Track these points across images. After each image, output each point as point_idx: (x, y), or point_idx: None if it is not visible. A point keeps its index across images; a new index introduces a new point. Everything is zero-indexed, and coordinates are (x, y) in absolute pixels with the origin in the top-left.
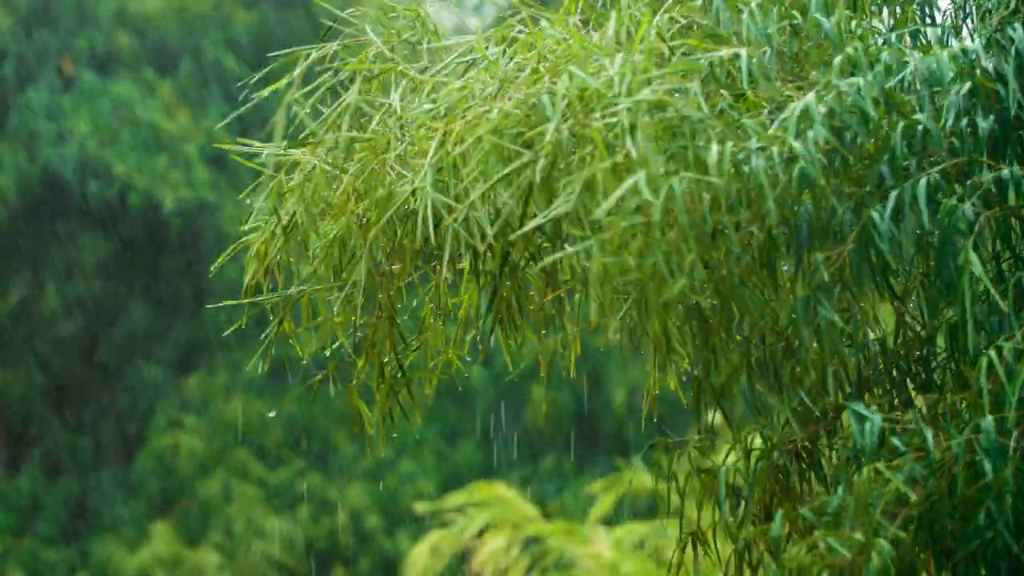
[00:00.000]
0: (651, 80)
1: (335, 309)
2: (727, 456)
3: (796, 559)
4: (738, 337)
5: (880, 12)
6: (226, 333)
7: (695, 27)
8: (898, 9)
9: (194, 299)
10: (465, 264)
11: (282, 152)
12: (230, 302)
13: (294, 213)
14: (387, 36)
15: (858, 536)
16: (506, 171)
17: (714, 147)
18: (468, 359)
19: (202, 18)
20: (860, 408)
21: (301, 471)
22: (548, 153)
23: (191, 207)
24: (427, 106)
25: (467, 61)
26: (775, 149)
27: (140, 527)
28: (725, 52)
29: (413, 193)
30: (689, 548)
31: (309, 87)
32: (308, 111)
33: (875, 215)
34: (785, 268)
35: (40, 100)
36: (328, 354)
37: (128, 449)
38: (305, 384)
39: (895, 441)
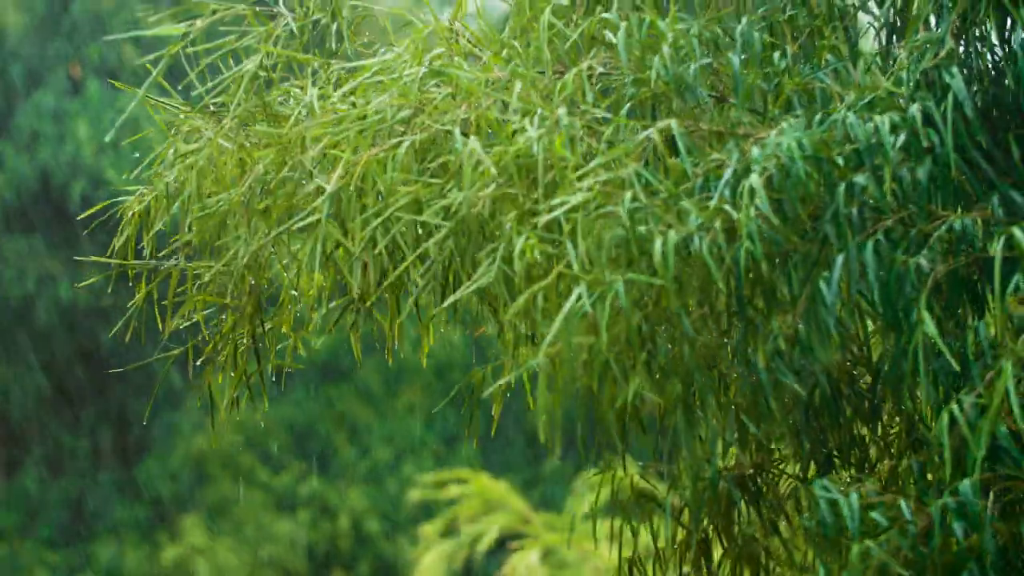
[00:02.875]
0: (583, 176)
1: (205, 285)
2: (671, 485)
3: None
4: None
5: (799, 38)
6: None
7: (614, 73)
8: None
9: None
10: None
11: (177, 109)
12: (96, 258)
13: (182, 180)
14: (299, 17)
15: None
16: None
17: (657, 242)
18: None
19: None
20: (828, 486)
21: (302, 475)
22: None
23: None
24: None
25: (380, 78)
26: (717, 225)
27: (141, 531)
28: (654, 130)
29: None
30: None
31: (211, 44)
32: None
33: (823, 286)
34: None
35: (46, 105)
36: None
37: (129, 452)
38: (165, 356)
39: (875, 516)
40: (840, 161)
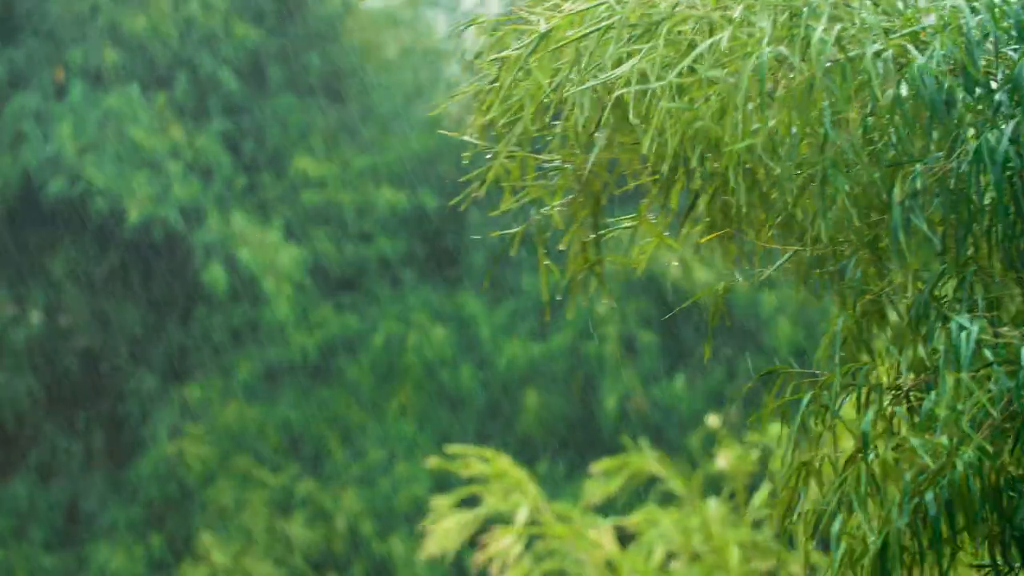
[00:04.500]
0: None
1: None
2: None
3: (883, 459)
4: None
5: None
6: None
7: None
8: None
9: (183, 307)
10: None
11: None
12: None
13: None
14: None
15: (943, 441)
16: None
17: (820, 27)
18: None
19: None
20: (963, 320)
21: (298, 475)
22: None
23: (167, 221)
24: None
25: None
26: (890, 52)
27: (136, 533)
28: None
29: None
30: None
31: None
32: None
33: (990, 137)
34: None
35: (29, 107)
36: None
37: (123, 455)
38: (507, 235)
39: (987, 352)
40: None
